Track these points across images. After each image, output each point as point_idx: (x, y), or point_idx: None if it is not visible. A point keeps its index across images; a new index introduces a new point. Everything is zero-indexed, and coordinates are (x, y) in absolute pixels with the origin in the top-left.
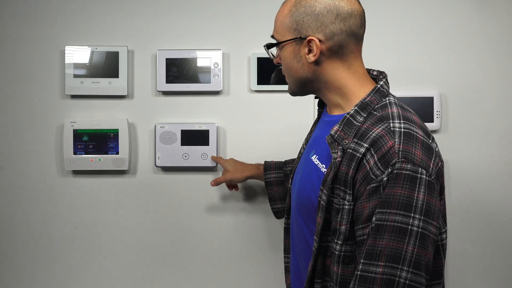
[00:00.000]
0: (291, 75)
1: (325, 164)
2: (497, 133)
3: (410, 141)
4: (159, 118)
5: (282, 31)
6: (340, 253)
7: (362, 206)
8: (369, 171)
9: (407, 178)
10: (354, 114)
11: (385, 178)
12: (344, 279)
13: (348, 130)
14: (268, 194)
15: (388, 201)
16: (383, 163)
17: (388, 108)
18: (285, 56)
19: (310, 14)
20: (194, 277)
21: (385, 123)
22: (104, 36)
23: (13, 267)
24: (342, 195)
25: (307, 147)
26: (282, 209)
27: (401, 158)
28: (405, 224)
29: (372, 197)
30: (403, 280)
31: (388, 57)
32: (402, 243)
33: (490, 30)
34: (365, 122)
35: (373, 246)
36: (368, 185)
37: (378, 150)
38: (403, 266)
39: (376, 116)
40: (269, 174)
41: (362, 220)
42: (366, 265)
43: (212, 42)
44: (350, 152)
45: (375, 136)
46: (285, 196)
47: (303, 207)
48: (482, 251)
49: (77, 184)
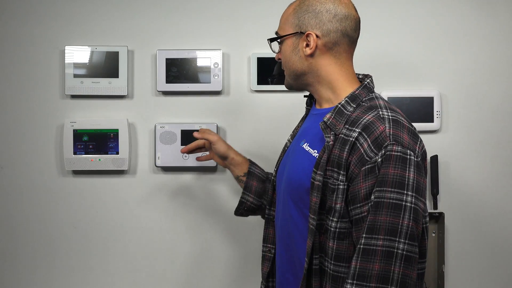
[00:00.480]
0: (288, 67)
1: (316, 149)
2: (497, 133)
3: (398, 126)
4: (159, 118)
5: (285, 27)
6: (335, 229)
7: (358, 187)
8: (363, 154)
9: (398, 159)
10: (345, 104)
11: (379, 159)
12: (339, 253)
13: (340, 118)
14: (246, 183)
15: (384, 180)
16: (376, 145)
17: (375, 100)
18: (285, 49)
19: (311, 12)
20: (195, 277)
21: (375, 111)
22: (104, 36)
23: (13, 267)
24: (335, 176)
25: (295, 138)
26: (250, 204)
27: (392, 141)
28: (400, 200)
29: (368, 177)
30: (401, 251)
31: (388, 57)
32: (398, 217)
33: (490, 30)
34: (354, 111)
35: (373, 222)
36: (363, 166)
37: (370, 134)
38: (400, 239)
39: (365, 106)
40: (255, 167)
41: (360, 199)
42: (367, 239)
43: (212, 42)
44: (342, 137)
45: (366, 122)
46: (259, 195)
47: (294, 191)
48: (482, 251)
49: (77, 184)
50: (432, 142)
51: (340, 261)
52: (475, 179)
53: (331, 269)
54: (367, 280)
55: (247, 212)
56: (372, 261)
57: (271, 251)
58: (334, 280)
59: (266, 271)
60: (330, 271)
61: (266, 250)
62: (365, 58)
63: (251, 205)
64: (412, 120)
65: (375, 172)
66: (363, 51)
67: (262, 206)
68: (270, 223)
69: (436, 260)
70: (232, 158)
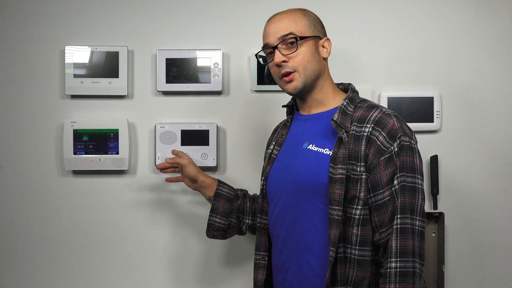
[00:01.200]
0: (310, 68)
1: (327, 147)
2: (497, 133)
3: (400, 121)
4: (159, 118)
5: (301, 29)
6: (359, 217)
7: (380, 174)
8: (380, 145)
9: (409, 148)
10: (346, 105)
11: (396, 148)
12: (363, 239)
13: (345, 118)
14: (213, 205)
15: (404, 166)
16: (391, 137)
17: (368, 101)
18: (306, 50)
19: (318, 21)
20: (195, 277)
21: (378, 109)
22: (104, 36)
23: (13, 267)
24: (355, 168)
25: (291, 143)
26: (218, 225)
27: (402, 133)
28: (415, 183)
29: (388, 165)
30: (417, 227)
31: (388, 57)
32: (415, 198)
33: (490, 30)
34: (355, 111)
35: (403, 203)
36: (381, 156)
37: (383, 127)
38: (416, 216)
39: (365, 106)
40: (223, 187)
41: (382, 185)
42: (402, 218)
43: (212, 42)
44: (353, 133)
45: (375, 117)
46: (226, 215)
47: (311, 187)
48: (482, 251)
49: (77, 184)
50: (432, 142)
51: (364, 246)
52: (475, 179)
53: (355, 255)
54: (407, 256)
55: (218, 233)
56: (407, 238)
57: (265, 258)
58: (359, 265)
59: (262, 278)
60: (354, 256)
61: (259, 258)
62: (365, 58)
63: (220, 226)
64: (412, 120)
65: (394, 160)
66: (363, 51)
67: (232, 225)
68: (262, 231)
69: (436, 260)
70: (202, 181)
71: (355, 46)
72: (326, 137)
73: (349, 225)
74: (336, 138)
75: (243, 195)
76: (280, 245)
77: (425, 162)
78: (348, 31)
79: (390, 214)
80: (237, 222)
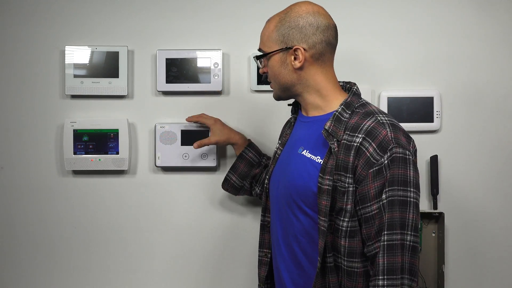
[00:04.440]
0: (278, 81)
1: (319, 155)
2: (497, 133)
3: (396, 130)
4: (159, 118)
5: (269, 43)
6: (347, 228)
7: (367, 187)
8: (369, 157)
9: (401, 159)
10: (342, 112)
11: (386, 161)
12: (351, 250)
13: (339, 125)
14: (235, 163)
15: (393, 180)
16: (381, 149)
17: (368, 106)
18: (273, 64)
19: (294, 28)
20: (195, 277)
21: (373, 117)
22: (104, 36)
23: (13, 267)
24: (343, 179)
25: (289, 146)
26: (233, 183)
27: (395, 144)
28: (406, 197)
29: (376, 178)
30: (409, 242)
31: (388, 57)
32: (405, 212)
33: (490, 30)
34: (350, 118)
35: (391, 219)
36: (370, 169)
37: (374, 138)
38: (408, 231)
39: (362, 113)
40: (249, 151)
41: (369, 198)
42: (389, 235)
43: (212, 42)
44: (344, 143)
45: (368, 127)
46: (243, 177)
47: (301, 195)
48: (482, 251)
49: (77, 184)
50: (432, 142)
51: (352, 257)
52: (475, 179)
53: (345, 265)
54: (395, 273)
55: (231, 189)
56: (395, 254)
57: (268, 255)
58: (349, 275)
59: (264, 274)
60: (344, 267)
61: (262, 255)
62: (365, 58)
63: (234, 184)
64: (412, 120)
65: (383, 173)
66: (363, 52)
67: (244, 187)
68: (265, 229)
69: (436, 260)
70: (234, 143)
71: (355, 46)
72: (319, 144)
73: (337, 236)
74: (328, 147)
75: (265, 165)
76: (276, 246)
77: (425, 162)
78: (348, 31)
79: (377, 228)
80: (249, 186)
